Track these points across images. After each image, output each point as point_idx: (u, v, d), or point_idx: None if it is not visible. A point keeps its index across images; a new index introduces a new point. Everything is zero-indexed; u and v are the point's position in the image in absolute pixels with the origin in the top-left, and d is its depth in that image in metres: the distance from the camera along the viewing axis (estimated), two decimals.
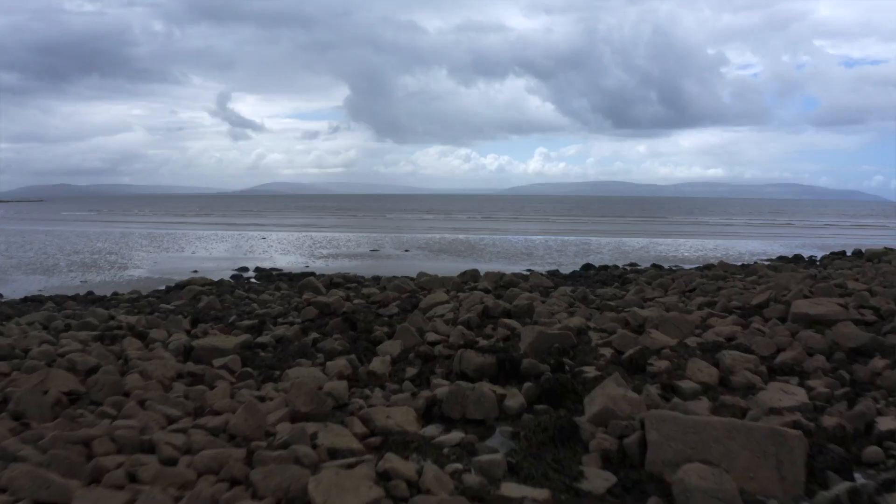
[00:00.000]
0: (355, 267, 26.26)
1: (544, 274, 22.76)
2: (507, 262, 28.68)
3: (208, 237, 44.69)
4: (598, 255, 32.20)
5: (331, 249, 34.57)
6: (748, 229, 59.34)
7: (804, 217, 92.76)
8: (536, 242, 39.39)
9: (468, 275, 18.65)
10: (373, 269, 25.25)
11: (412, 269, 24.87)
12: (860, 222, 77.50)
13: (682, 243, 40.01)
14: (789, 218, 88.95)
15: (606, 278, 21.30)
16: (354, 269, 25.55)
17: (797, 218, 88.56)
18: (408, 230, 53.20)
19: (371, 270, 24.89)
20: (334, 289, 17.14)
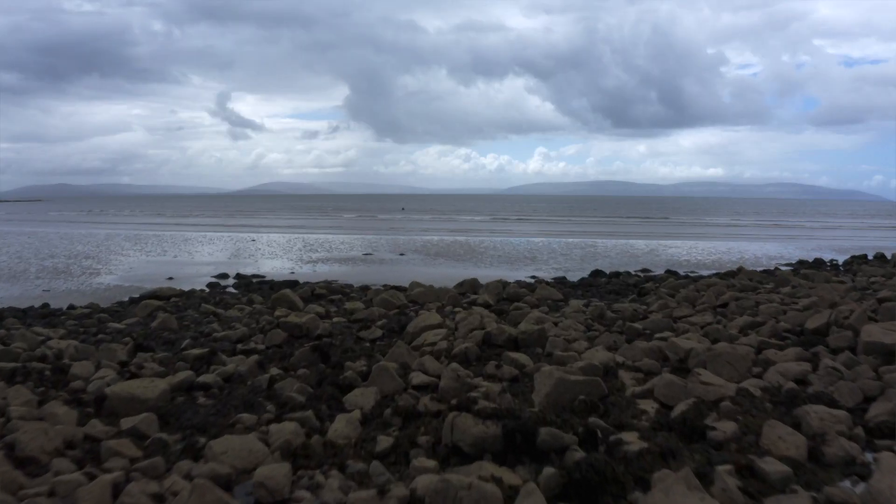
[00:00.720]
0: (345, 273, 24.20)
1: (551, 282, 20.70)
2: (509, 267, 26.62)
3: (196, 239, 42.62)
4: (605, 259, 30.13)
5: (322, 253, 32.49)
6: (757, 230, 57.28)
7: (810, 217, 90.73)
8: (540, 245, 37.31)
9: (466, 285, 16.60)
10: (363, 276, 23.18)
11: (406, 276, 22.86)
12: (868, 223, 75.44)
13: (693, 246, 37.93)
14: (796, 218, 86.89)
15: (620, 287, 19.22)
16: (344, 275, 23.49)
17: (804, 218, 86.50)
18: (405, 231, 51.13)
19: (361, 277, 22.81)
20: (313, 303, 15.07)
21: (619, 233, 50.43)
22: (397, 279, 22.43)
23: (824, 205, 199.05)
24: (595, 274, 23.45)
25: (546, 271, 25.03)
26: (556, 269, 25.89)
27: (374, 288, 17.72)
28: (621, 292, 18.54)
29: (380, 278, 22.61)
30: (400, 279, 22.40)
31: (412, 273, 24.12)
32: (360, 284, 20.81)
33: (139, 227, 60.16)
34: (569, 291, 18.21)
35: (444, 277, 22.73)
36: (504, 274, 23.99)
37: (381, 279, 22.40)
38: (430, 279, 22.23)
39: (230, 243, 38.93)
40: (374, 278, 22.60)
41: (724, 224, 68.79)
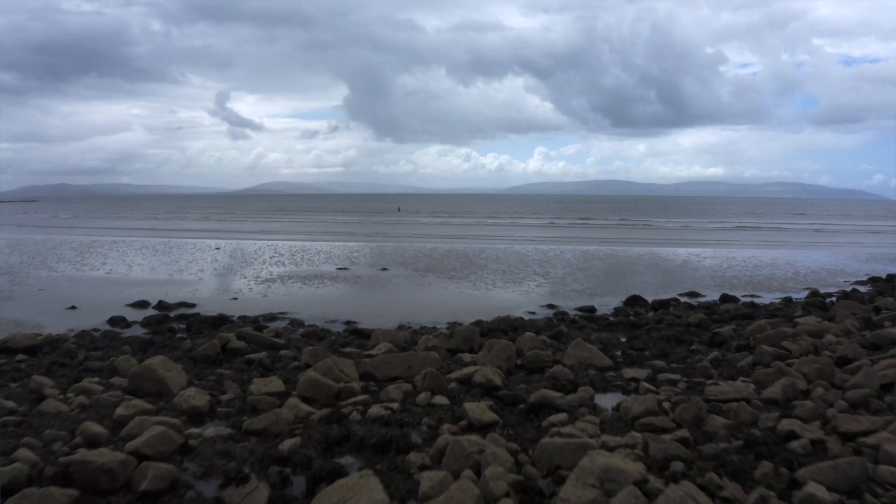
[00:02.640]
0: (304, 299, 18.50)
1: (579, 318, 14.97)
2: (515, 286, 20.94)
3: (153, 248, 36.93)
4: (634, 275, 24.44)
5: (289, 266, 26.80)
6: (790, 236, 51.56)
7: (831, 220, 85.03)
8: (550, 255, 31.59)
9: (459, 337, 10.87)
10: (324, 305, 17.49)
11: (381, 304, 17.14)
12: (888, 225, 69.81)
13: (730, 256, 32.21)
14: (816, 220, 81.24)
15: (680, 331, 13.47)
16: (301, 302, 17.80)
17: (826, 220, 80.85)
18: (395, 237, 45.43)
19: (321, 306, 17.12)
20: (209, 371, 9.34)
21: (639, 239, 44.67)
22: (368, 309, 16.74)
23: (832, 205, 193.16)
24: (634, 302, 17.74)
25: (566, 296, 19.31)
26: (577, 291, 20.17)
27: (317, 345, 11.93)
28: (685, 339, 12.84)
29: (346, 307, 16.93)
30: (372, 309, 16.71)
31: (389, 299, 18.45)
32: (311, 323, 15.11)
33: (108, 231, 54.55)
34: (610, 340, 12.48)
35: (431, 306, 17.00)
36: (511, 300, 18.29)
37: (348, 309, 16.72)
38: (411, 309, 16.51)
39: (187, 253, 33.23)
40: (338, 308, 16.92)
41: (748, 227, 63.03)
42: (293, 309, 17.00)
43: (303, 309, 17.01)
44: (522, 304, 17.69)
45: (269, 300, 18.58)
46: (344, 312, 16.38)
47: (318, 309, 16.99)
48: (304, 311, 16.78)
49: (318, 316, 16.11)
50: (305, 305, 17.55)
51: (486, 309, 16.89)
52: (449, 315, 15.97)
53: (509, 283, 22.13)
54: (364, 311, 16.50)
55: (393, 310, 16.73)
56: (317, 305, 17.52)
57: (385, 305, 17.42)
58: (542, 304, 17.71)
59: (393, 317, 15.79)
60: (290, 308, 17.12)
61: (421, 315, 16.02)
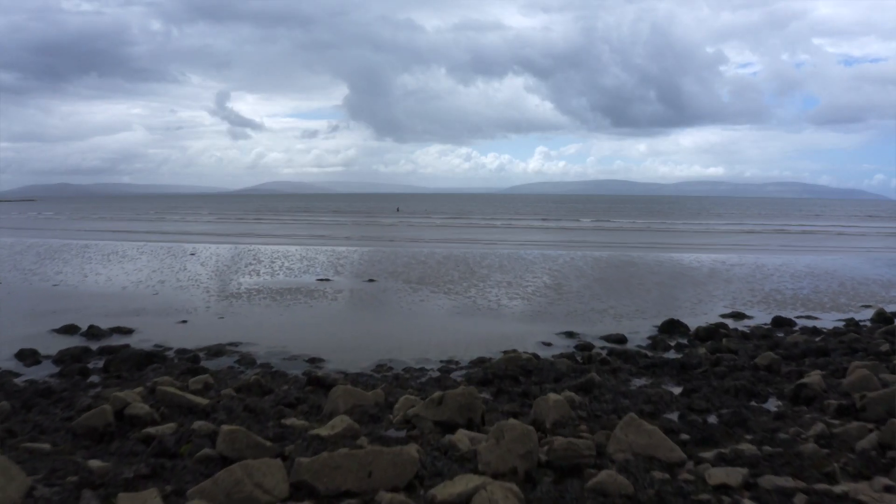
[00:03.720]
0: (266, 323, 15.12)
1: (607, 355, 11.58)
2: (523, 304, 17.59)
3: (123, 253, 33.60)
4: (660, 288, 21.07)
5: (263, 276, 23.45)
6: (813, 240, 48.20)
7: (849, 221, 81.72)
8: (561, 262, 28.22)
9: (450, 406, 7.42)
10: (288, 333, 14.09)
11: (359, 333, 13.59)
12: None
13: (760, 263, 28.83)
14: (832, 222, 77.96)
15: (750, 381, 10.07)
16: (262, 328, 14.40)
17: (845, 222, 77.54)
18: (390, 241, 42.08)
19: (282, 336, 13.70)
20: (38, 500, 5.97)
21: (654, 244, 41.26)
22: (343, 339, 13.38)
23: (839, 205, 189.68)
24: (671, 328, 14.39)
25: (586, 318, 15.93)
26: (598, 312, 16.79)
27: (246, 416, 8.49)
28: (760, 392, 9.49)
29: (315, 337, 13.55)
30: (348, 339, 13.34)
31: (370, 325, 15.06)
32: (265, 361, 11.74)
33: (85, 234, 51.29)
34: (661, 397, 9.11)
35: (421, 335, 13.61)
36: (520, 325, 14.92)
37: (317, 339, 13.35)
38: (396, 339, 13.10)
39: (157, 260, 29.88)
40: (305, 337, 13.55)
41: (764, 229, 59.63)
42: (249, 338, 13.64)
43: (261, 338, 13.66)
44: (534, 331, 14.33)
45: (225, 325, 15.23)
46: (310, 344, 13.02)
47: (280, 338, 13.63)
48: (262, 341, 13.43)
49: (278, 349, 12.77)
50: (266, 333, 14.19)
51: (490, 338, 13.55)
52: (442, 348, 12.63)
53: (516, 299, 18.77)
54: (336, 343, 13.14)
55: (373, 341, 13.37)
56: (280, 333, 14.16)
57: (364, 334, 14.05)
58: (558, 331, 14.34)
59: (371, 351, 12.44)
60: (246, 337, 13.77)
61: (407, 348, 12.67)
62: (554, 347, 12.90)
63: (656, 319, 15.77)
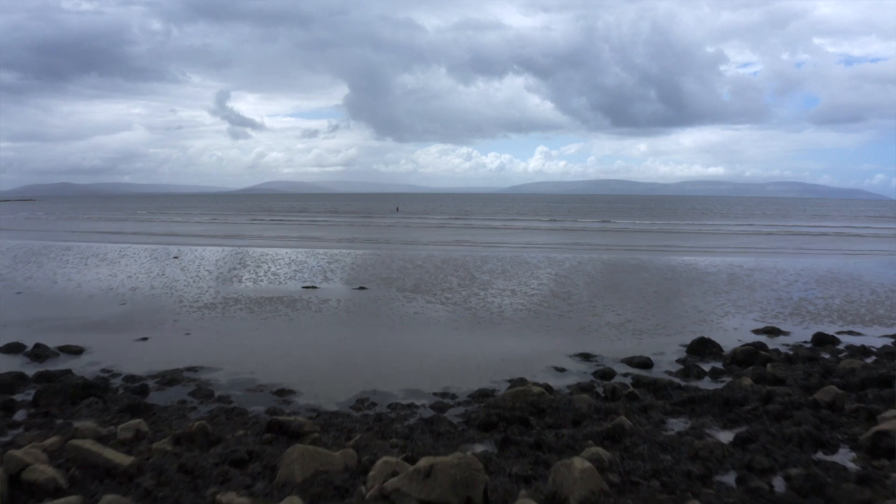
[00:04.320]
0: (236, 342, 13.21)
1: (633, 386, 9.62)
2: (530, 317, 15.68)
3: (103, 255, 31.70)
4: (679, 296, 19.17)
5: (243, 284, 21.54)
6: (829, 242, 46.32)
7: (856, 222, 79.85)
8: (567, 267, 26.30)
9: (443, 481, 5.53)
10: (259, 354, 12.16)
11: (340, 356, 11.59)
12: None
13: (781, 268, 26.91)
14: (843, 223, 76.05)
15: (814, 424, 8.16)
16: (231, 347, 12.48)
17: (852, 223, 75.64)
18: (387, 243, 40.18)
19: (252, 358, 11.76)
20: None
21: (663, 246, 39.30)
22: (321, 363, 11.47)
23: (841, 205, 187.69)
24: (702, 348, 12.49)
25: (602, 335, 14.01)
26: (615, 327, 14.86)
27: (182, 477, 6.59)
28: (829, 441, 7.59)
29: (289, 360, 11.65)
30: (327, 362, 11.42)
31: (355, 345, 13.14)
32: (225, 393, 9.82)
33: (71, 235, 49.43)
34: (712, 452, 7.19)
35: (411, 359, 11.67)
36: (527, 345, 13.00)
37: (291, 363, 11.44)
38: (383, 364, 11.13)
39: (136, 264, 27.98)
40: (278, 360, 11.64)
41: (775, 231, 57.69)
42: (213, 361, 11.75)
43: (227, 361, 11.76)
44: (543, 352, 12.42)
45: (190, 343, 13.33)
46: (283, 370, 11.12)
47: (248, 361, 11.73)
48: (227, 364, 11.53)
49: (244, 375, 10.88)
50: (234, 354, 12.29)
51: (493, 361, 11.64)
52: (437, 375, 10.73)
53: (522, 310, 16.85)
54: (313, 369, 11.24)
55: (356, 365, 11.46)
56: (249, 355, 12.25)
57: (347, 357, 12.13)
58: (571, 352, 12.43)
59: (353, 379, 10.54)
60: (210, 359, 11.87)
61: (396, 375, 10.77)
62: (568, 374, 11.00)
63: (682, 336, 13.88)
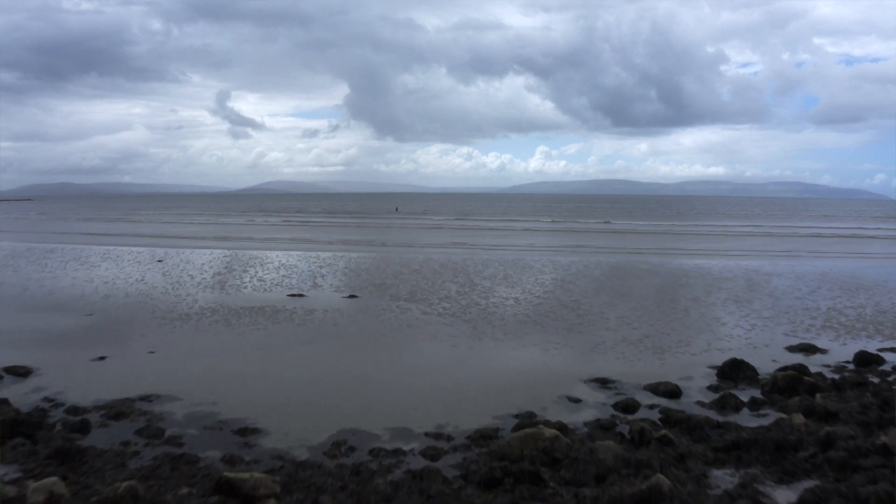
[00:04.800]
0: (204, 364, 11.62)
1: (663, 425, 7.96)
2: (536, 331, 14.10)
3: (85, 258, 30.14)
4: (697, 306, 17.57)
5: (224, 292, 19.96)
6: (842, 244, 44.74)
7: (864, 223, 78.33)
8: (574, 272, 24.71)
9: None
10: (227, 380, 10.58)
11: (319, 384, 9.88)
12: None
13: (800, 273, 25.33)
14: (847, 223, 74.54)
15: (891, 482, 6.63)
16: (197, 371, 10.90)
17: (860, 224, 74.10)
18: (384, 245, 38.62)
19: (219, 384, 10.19)
20: None
21: (673, 249, 37.69)
22: (297, 392, 9.87)
23: (844, 205, 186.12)
24: (733, 371, 10.91)
25: (619, 354, 12.41)
26: (632, 343, 13.26)
27: None
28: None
29: (259, 387, 10.07)
30: (304, 391, 9.82)
31: (337, 368, 11.53)
32: (176, 433, 8.20)
33: (58, 237, 47.95)
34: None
35: (401, 388, 10.07)
36: (534, 367, 11.39)
37: (262, 390, 9.87)
38: (367, 393, 9.48)
39: (115, 267, 26.40)
40: (248, 387, 10.07)
41: (784, 233, 56.08)
42: (174, 386, 10.18)
43: (190, 387, 10.19)
44: (554, 377, 10.83)
45: (152, 363, 11.76)
46: (251, 398, 9.55)
47: (214, 387, 10.16)
48: (189, 391, 9.97)
49: (206, 406, 9.31)
50: (200, 378, 10.72)
51: (496, 389, 10.07)
52: (430, 408, 9.16)
53: (526, 323, 15.26)
54: (287, 398, 9.66)
55: (335, 395, 9.87)
56: (216, 379, 10.67)
57: (325, 384, 10.54)
58: (586, 377, 10.85)
59: (332, 413, 8.97)
60: (171, 384, 10.30)
61: (382, 408, 9.19)
62: (584, 406, 9.42)
63: (708, 355, 12.31)
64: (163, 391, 10.02)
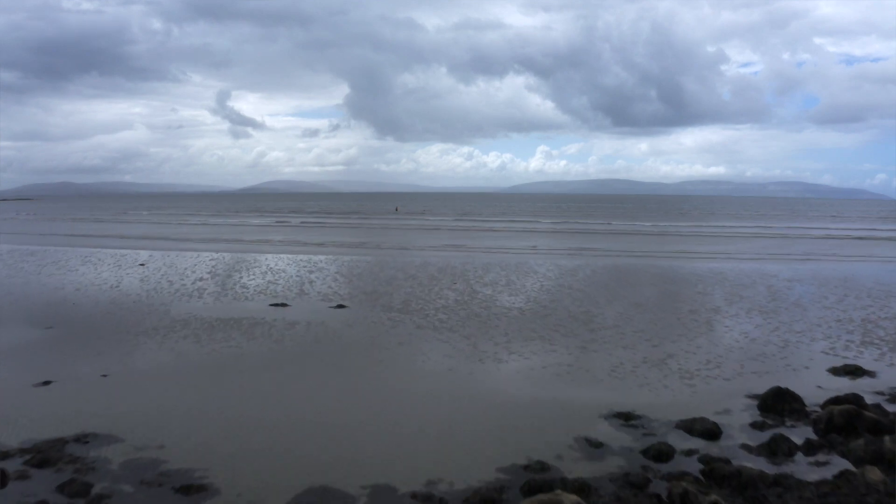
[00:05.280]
0: (160, 390, 10.00)
1: (708, 479, 6.38)
2: (544, 349, 12.50)
3: (63, 262, 28.56)
4: (720, 317, 15.95)
5: (202, 300, 18.35)
6: (857, 246, 43.13)
7: (872, 224, 76.73)
8: (581, 278, 23.10)
9: None
10: (182, 412, 8.97)
11: (289, 417, 8.34)
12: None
13: (822, 278, 23.72)
14: (856, 224, 72.97)
15: None
16: (149, 400, 9.26)
17: (868, 225, 72.50)
18: (379, 248, 37.02)
19: (170, 419, 8.58)
20: None
21: (684, 252, 36.05)
22: (260, 428, 8.24)
23: (846, 205, 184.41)
24: (777, 403, 9.30)
25: (643, 379, 10.79)
26: (657, 366, 11.64)
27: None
28: None
29: (215, 425, 8.48)
30: (268, 427, 8.18)
31: (312, 396, 9.91)
32: (108, 490, 6.66)
33: (45, 238, 46.47)
34: None
35: (381, 429, 8.42)
36: (542, 404, 9.77)
37: (215, 429, 8.27)
38: (343, 434, 7.78)
39: (94, 271, 24.81)
40: (204, 423, 8.47)
41: (794, 234, 54.43)
42: (118, 424, 8.58)
43: (138, 423, 8.60)
44: (568, 412, 9.21)
45: (101, 390, 10.16)
46: (204, 443, 7.95)
47: (165, 426, 8.56)
48: (134, 430, 8.37)
49: (150, 452, 7.71)
50: (150, 412, 9.11)
51: (498, 426, 8.47)
52: (417, 457, 7.56)
53: (533, 340, 13.64)
54: (246, 442, 8.04)
55: (305, 439, 8.26)
56: (169, 415, 9.06)
57: (294, 422, 8.91)
58: (605, 412, 9.23)
59: (297, 464, 7.36)
60: (116, 420, 8.70)
61: (358, 456, 7.59)
62: (608, 453, 7.81)
63: (744, 381, 10.71)
64: (104, 429, 8.43)
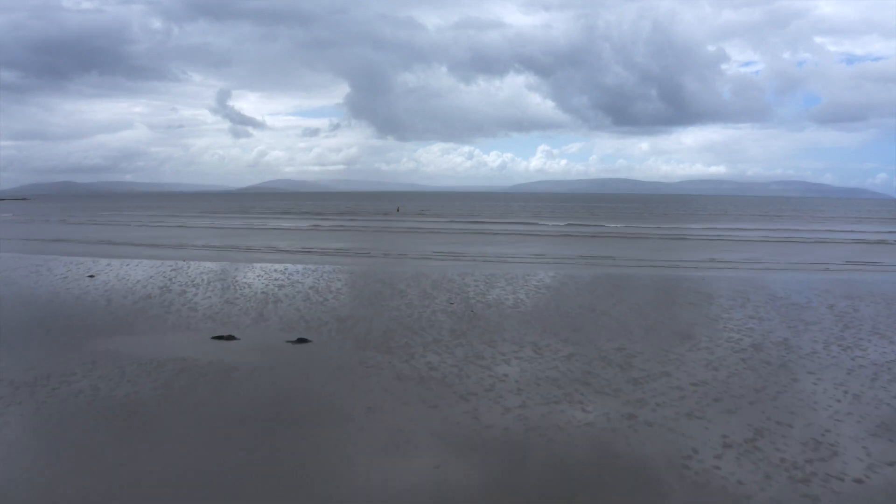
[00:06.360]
0: (29, 471, 6.27)
1: None
2: (576, 411, 8.71)
3: (10, 273, 24.77)
4: (801, 359, 12.14)
5: (132, 332, 14.53)
6: (872, 251, 39.45)
7: (880, 226, 73.10)
8: (601, 293, 19.26)
9: None
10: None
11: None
12: None
13: (891, 295, 19.93)
14: (864, 226, 69.35)
15: None
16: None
17: (877, 228, 68.84)
18: (370, 255, 33.23)
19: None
20: None
21: (719, 263, 32.19)
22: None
23: (849, 205, 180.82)
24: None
25: (731, 469, 6.97)
26: (742, 455, 7.76)
27: None
28: None
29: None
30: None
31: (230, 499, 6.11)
32: None
33: (8, 243, 42.90)
34: None
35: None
36: (588, 497, 5.94)
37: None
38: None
39: (33, 286, 21.01)
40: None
41: (807, 239, 50.71)
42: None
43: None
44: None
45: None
46: None
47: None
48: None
49: None
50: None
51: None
52: None
53: (558, 403, 9.80)
54: None
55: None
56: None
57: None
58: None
59: None
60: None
61: None
62: None
63: (875, 480, 6.90)
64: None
